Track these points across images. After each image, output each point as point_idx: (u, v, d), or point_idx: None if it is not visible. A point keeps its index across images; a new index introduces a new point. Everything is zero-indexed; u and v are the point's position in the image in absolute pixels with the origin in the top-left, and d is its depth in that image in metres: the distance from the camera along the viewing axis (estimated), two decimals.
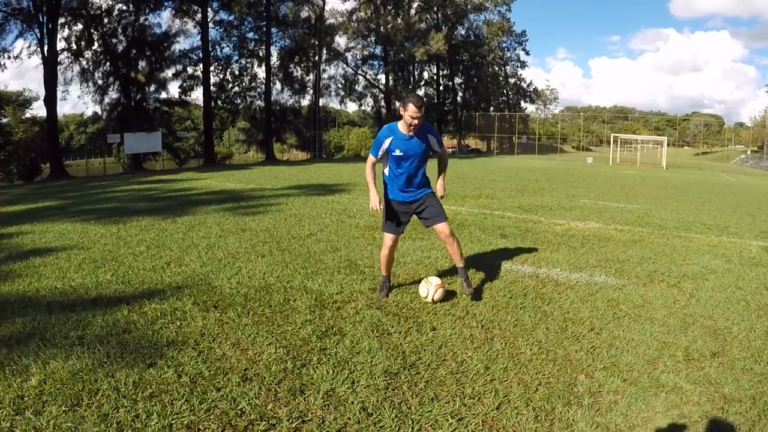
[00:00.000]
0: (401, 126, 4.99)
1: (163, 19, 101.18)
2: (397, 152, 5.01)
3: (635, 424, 3.00)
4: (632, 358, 3.87)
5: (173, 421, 2.84)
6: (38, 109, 49.64)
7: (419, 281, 5.25)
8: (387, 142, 5.04)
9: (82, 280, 5.66)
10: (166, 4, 42.37)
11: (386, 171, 5.25)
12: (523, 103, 78.91)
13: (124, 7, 40.16)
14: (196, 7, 42.70)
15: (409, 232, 8.40)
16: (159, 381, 3.30)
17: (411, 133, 4.97)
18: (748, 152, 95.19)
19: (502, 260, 6.71)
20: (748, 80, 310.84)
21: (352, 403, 3.10)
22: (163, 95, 45.13)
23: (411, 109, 4.79)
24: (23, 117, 45.06)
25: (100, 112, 43.57)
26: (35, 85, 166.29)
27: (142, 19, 41.27)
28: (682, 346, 4.13)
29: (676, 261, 7.06)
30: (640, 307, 5.06)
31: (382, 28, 55.76)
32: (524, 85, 77.05)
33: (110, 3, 39.21)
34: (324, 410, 3.00)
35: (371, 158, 5.20)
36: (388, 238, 5.23)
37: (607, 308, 4.97)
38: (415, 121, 4.81)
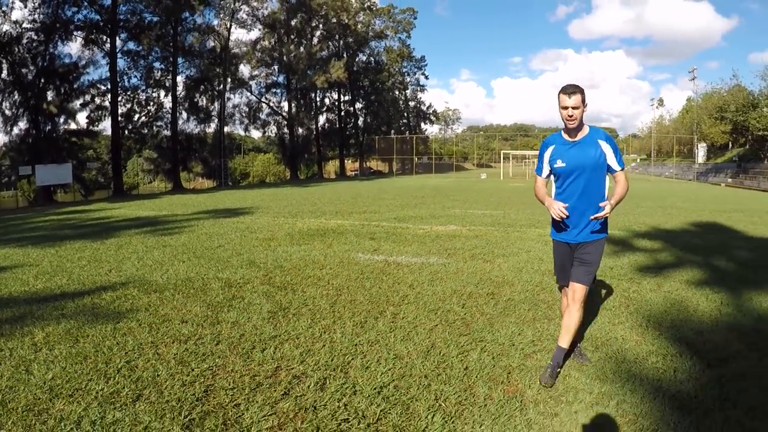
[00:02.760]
0: (564, 132, 4.15)
1: (73, 49, 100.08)
2: (559, 163, 4.12)
3: (416, 324, 5.27)
4: (430, 298, 6.23)
5: (142, 341, 4.87)
6: None
7: (304, 270, 7.45)
8: (548, 153, 4.23)
9: (43, 285, 7.39)
10: (75, 33, 42.89)
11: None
12: (423, 125, 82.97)
13: (35, 36, 40.38)
14: (105, 38, 43.53)
15: (297, 238, 10.61)
16: (127, 327, 5.29)
17: (575, 138, 4.09)
18: (638, 160, 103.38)
19: (363, 253, 9.06)
20: (643, 95, 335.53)
21: (247, 325, 5.26)
22: (72, 126, 45.33)
23: (560, 99, 3.95)
24: None
25: (8, 144, 43.24)
26: None
27: (51, 48, 41.55)
28: (467, 291, 6.53)
29: (501, 246, 9.59)
30: (453, 274, 7.48)
31: (285, 57, 57.99)
32: (424, 108, 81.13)
33: (20, 31, 39.38)
34: (231, 330, 5.14)
35: (537, 178, 4.43)
36: (560, 289, 4.44)
37: (427, 275, 7.36)
38: (568, 113, 3.92)
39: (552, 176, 4.28)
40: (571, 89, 3.89)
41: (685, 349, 4.65)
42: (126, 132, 48.25)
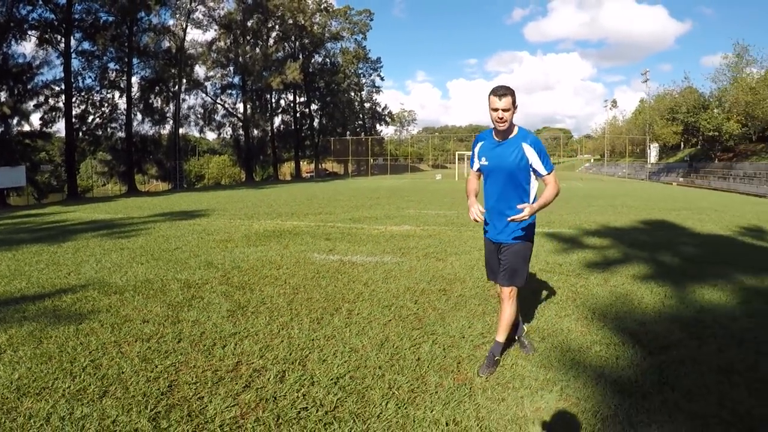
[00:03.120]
0: (494, 132, 4.14)
1: (27, 49, 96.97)
2: (483, 161, 4.20)
3: (371, 320, 5.55)
4: (384, 295, 6.52)
5: (105, 341, 5.02)
6: None
7: (261, 270, 7.63)
8: (477, 148, 4.28)
9: (3, 288, 7.35)
10: (30, 33, 41.71)
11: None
12: (378, 126, 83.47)
13: None
14: (59, 37, 42.52)
15: (253, 239, 10.77)
16: (89, 328, 5.42)
17: (502, 139, 4.10)
18: (592, 160, 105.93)
19: (319, 253, 9.33)
20: (597, 96, 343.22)
21: (207, 324, 5.47)
22: (26, 127, 44.07)
23: (491, 101, 3.92)
24: None
25: None
26: None
27: (5, 48, 40.31)
28: (420, 288, 6.83)
29: (453, 245, 9.92)
30: (406, 272, 7.78)
31: (240, 58, 57.67)
32: (379, 109, 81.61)
33: None
34: (191, 328, 5.33)
35: (471, 172, 4.48)
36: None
37: (381, 274, 7.65)
38: (498, 115, 3.89)
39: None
40: (501, 91, 3.86)
41: (627, 338, 5.01)
42: (80, 134, 47.16)
